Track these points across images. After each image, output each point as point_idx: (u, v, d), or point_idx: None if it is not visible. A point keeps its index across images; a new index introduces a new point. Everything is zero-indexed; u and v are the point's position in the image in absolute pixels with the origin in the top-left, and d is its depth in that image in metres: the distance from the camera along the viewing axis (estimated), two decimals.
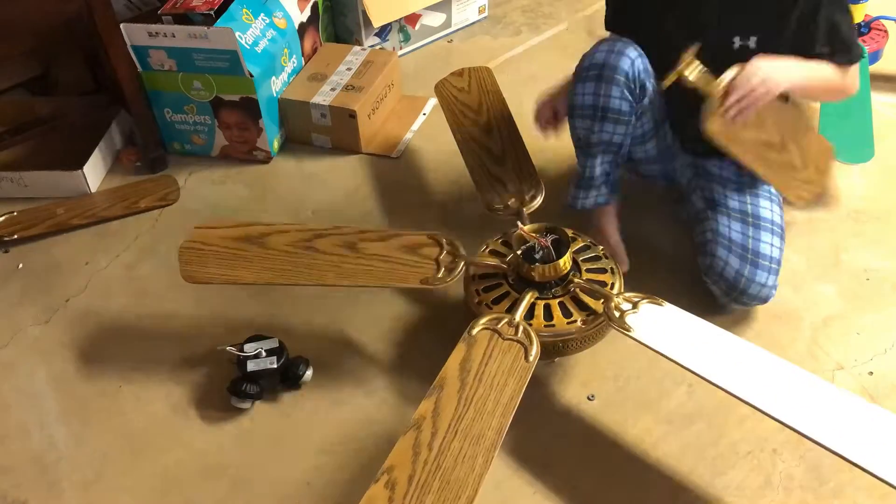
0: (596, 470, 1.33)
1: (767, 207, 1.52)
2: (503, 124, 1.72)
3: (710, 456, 1.33)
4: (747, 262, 1.45)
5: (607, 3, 1.62)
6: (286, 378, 1.46)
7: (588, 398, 1.44)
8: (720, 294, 1.50)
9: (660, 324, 1.28)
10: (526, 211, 1.53)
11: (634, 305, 1.31)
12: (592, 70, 1.47)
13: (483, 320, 1.29)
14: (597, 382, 1.46)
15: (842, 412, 1.13)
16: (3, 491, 1.35)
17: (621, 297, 1.33)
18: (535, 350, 1.24)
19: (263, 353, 1.45)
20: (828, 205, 1.71)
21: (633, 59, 1.44)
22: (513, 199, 1.56)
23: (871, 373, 1.45)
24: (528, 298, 1.35)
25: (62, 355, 1.58)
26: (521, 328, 1.28)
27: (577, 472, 1.33)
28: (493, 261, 1.44)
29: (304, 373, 1.47)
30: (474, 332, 1.28)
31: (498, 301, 1.38)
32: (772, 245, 1.47)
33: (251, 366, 1.44)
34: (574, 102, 1.50)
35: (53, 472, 1.38)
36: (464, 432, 1.12)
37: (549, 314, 1.35)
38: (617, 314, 1.29)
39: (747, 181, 1.54)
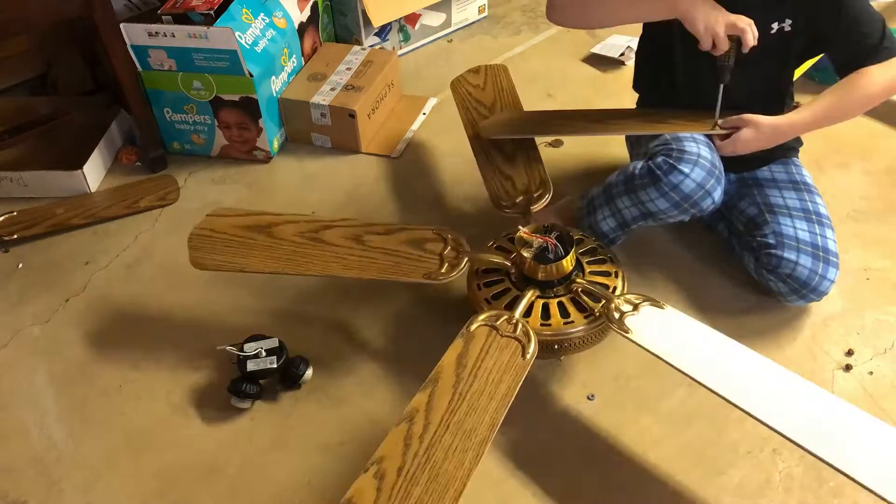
0: (596, 470, 1.33)
1: (822, 204, 1.54)
2: None
3: (710, 456, 1.33)
4: (819, 261, 1.46)
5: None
6: (286, 378, 1.46)
7: (588, 398, 1.43)
8: (787, 292, 1.49)
9: (659, 327, 1.27)
10: (533, 210, 1.53)
11: (635, 307, 1.30)
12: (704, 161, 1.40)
13: (482, 316, 1.30)
14: (597, 382, 1.46)
15: (839, 422, 1.12)
16: (3, 491, 1.35)
17: (622, 298, 1.33)
18: (532, 348, 1.24)
19: (263, 353, 1.45)
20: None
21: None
22: (521, 198, 1.56)
23: (871, 373, 1.45)
24: (529, 297, 1.35)
25: (62, 355, 1.58)
26: (519, 326, 1.28)
27: (577, 472, 1.33)
28: (496, 257, 1.44)
29: (304, 373, 1.47)
30: (473, 327, 1.28)
31: (498, 297, 1.38)
32: (834, 241, 1.49)
33: (251, 366, 1.44)
34: (674, 182, 1.39)
35: (53, 472, 1.38)
36: (456, 426, 1.12)
37: (547, 313, 1.35)
38: (616, 315, 1.29)
39: (800, 179, 1.56)
